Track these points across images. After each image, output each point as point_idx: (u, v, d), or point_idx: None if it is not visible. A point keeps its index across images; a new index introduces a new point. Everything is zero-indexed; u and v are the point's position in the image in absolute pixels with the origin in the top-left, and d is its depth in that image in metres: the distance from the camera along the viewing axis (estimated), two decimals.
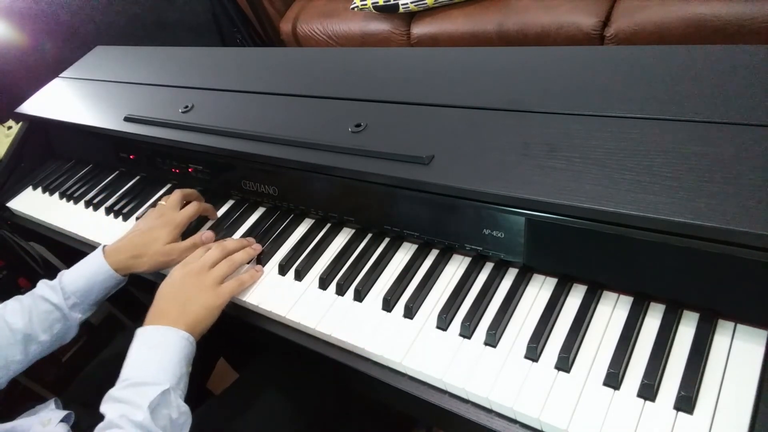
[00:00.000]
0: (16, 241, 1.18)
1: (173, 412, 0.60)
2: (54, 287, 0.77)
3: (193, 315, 0.68)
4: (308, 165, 0.77)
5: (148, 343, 0.65)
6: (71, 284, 0.77)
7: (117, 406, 0.58)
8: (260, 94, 0.95)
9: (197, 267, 0.73)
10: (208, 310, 0.70)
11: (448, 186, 0.65)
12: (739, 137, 0.56)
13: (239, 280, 0.75)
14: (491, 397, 0.56)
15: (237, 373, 1.20)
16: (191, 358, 0.67)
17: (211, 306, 0.70)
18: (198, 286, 0.71)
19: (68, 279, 0.78)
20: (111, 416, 0.57)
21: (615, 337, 0.57)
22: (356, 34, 2.15)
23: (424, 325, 0.65)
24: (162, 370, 0.62)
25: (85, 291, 0.78)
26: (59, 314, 0.77)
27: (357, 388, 0.77)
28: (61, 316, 0.77)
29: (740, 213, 0.49)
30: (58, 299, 0.76)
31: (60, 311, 0.77)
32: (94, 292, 0.78)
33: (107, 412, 0.58)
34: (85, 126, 1.07)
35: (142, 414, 0.57)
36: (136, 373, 0.62)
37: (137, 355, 0.64)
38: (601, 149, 0.61)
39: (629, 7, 1.59)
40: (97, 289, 0.79)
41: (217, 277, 0.73)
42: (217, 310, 0.71)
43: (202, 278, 0.72)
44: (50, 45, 1.80)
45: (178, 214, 0.84)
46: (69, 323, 0.78)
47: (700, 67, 0.66)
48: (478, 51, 0.88)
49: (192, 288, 0.71)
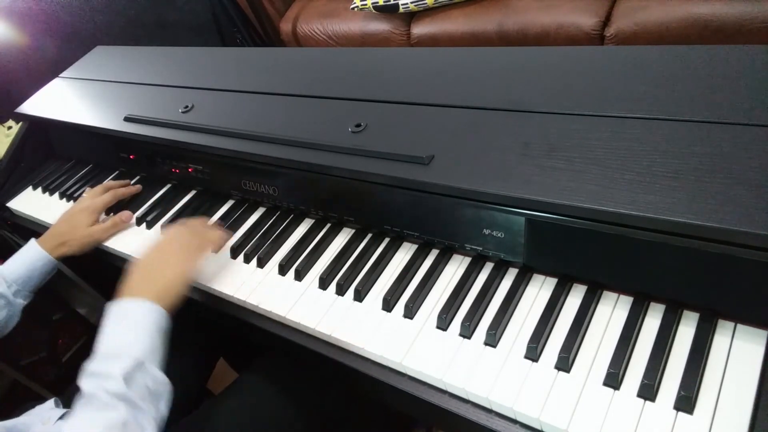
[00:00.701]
0: (16, 241, 1.18)
1: (149, 381, 0.60)
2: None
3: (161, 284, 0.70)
4: (308, 165, 0.77)
5: (117, 316, 0.66)
6: (12, 273, 0.86)
7: (92, 379, 0.59)
8: (260, 94, 0.95)
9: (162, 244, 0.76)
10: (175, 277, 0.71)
11: (448, 186, 0.65)
12: (739, 137, 0.56)
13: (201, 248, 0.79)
14: (491, 397, 0.56)
15: (237, 374, 1.20)
16: (165, 330, 0.67)
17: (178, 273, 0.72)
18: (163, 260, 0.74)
19: (8, 269, 0.86)
20: (88, 388, 0.58)
21: (615, 337, 0.57)
22: (356, 34, 2.15)
23: (424, 325, 0.65)
24: (133, 341, 0.62)
25: (26, 278, 0.86)
26: (4, 301, 0.84)
27: (357, 388, 0.77)
28: (5, 302, 0.85)
29: (740, 213, 0.49)
30: (1, 288, 0.84)
31: (5, 298, 0.84)
32: (34, 277, 0.87)
33: (84, 385, 0.59)
34: (85, 126, 1.07)
35: (116, 384, 0.57)
36: (107, 346, 0.63)
37: (108, 328, 0.65)
38: (601, 149, 0.61)
39: (629, 7, 1.59)
40: (37, 275, 0.87)
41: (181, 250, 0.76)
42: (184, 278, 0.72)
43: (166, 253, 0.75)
44: (50, 45, 1.80)
45: (97, 200, 0.95)
46: (14, 309, 0.85)
47: (700, 67, 0.66)
48: (478, 51, 0.88)
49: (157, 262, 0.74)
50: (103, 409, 0.56)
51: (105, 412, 0.56)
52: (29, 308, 0.90)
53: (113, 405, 0.56)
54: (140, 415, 0.57)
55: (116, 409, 0.56)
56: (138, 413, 0.57)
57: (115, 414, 0.56)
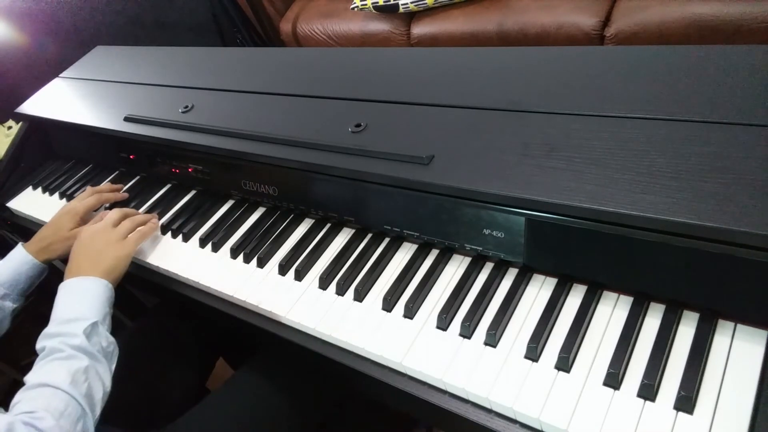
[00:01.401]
0: (16, 241, 1.17)
1: (103, 340, 0.69)
2: None
3: (106, 264, 0.78)
4: (308, 165, 0.77)
5: (71, 291, 0.73)
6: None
7: (54, 339, 0.66)
8: (260, 94, 0.95)
9: (101, 226, 0.84)
10: (118, 259, 0.79)
11: (448, 186, 0.65)
12: (739, 137, 0.56)
13: (140, 231, 0.86)
14: (491, 397, 0.56)
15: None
16: (112, 301, 0.75)
17: (120, 256, 0.80)
18: (105, 240, 0.81)
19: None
20: (51, 345, 0.65)
21: (615, 337, 0.57)
22: (356, 34, 2.15)
23: (424, 325, 0.65)
24: (88, 308, 0.70)
25: (12, 281, 0.86)
26: None
27: (357, 388, 0.77)
28: None
29: (740, 213, 0.49)
30: None
31: None
32: (21, 281, 0.87)
33: (46, 344, 0.66)
34: (85, 126, 1.07)
35: (78, 339, 0.65)
36: (65, 313, 0.70)
37: (63, 301, 0.72)
38: (601, 149, 0.61)
39: (629, 7, 1.59)
40: (23, 278, 0.87)
41: (122, 232, 0.83)
42: (126, 259, 0.81)
43: (108, 234, 0.82)
44: (50, 45, 1.80)
45: (79, 204, 0.95)
46: (3, 312, 0.85)
47: (700, 67, 0.66)
48: (478, 51, 0.88)
49: (100, 243, 0.81)
50: (68, 358, 0.63)
51: (70, 360, 0.63)
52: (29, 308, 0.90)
53: (77, 355, 0.64)
54: (99, 365, 0.66)
55: (79, 358, 0.64)
56: (97, 364, 0.65)
57: (79, 362, 0.63)
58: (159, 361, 0.95)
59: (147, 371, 0.92)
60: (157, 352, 0.95)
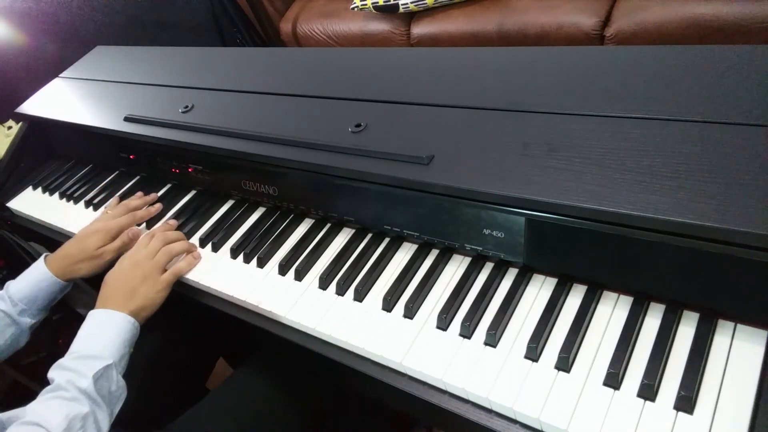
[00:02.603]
0: (16, 241, 1.18)
1: (113, 385, 0.68)
2: (1, 296, 0.83)
3: (138, 302, 0.76)
4: (308, 165, 0.77)
5: (97, 322, 0.72)
6: (17, 293, 0.83)
7: (64, 373, 0.65)
8: (260, 94, 0.95)
9: (141, 257, 0.81)
10: (150, 299, 0.77)
11: (448, 186, 0.65)
12: (739, 137, 0.56)
13: (176, 270, 0.82)
14: (491, 397, 0.56)
15: None
16: (134, 341, 0.74)
17: (153, 296, 0.78)
18: (142, 275, 0.78)
19: (14, 288, 0.83)
20: (59, 380, 0.64)
21: (615, 337, 0.57)
22: (356, 34, 2.15)
23: (424, 325, 0.65)
24: (108, 347, 0.69)
25: (30, 298, 0.83)
26: (9, 320, 0.82)
27: (357, 388, 0.77)
28: (11, 321, 0.82)
29: (740, 213, 0.49)
30: (6, 307, 0.82)
31: (9, 317, 0.82)
32: (39, 298, 0.84)
33: (55, 377, 0.65)
34: (85, 126, 1.07)
35: (86, 382, 0.64)
36: (84, 347, 0.69)
37: (87, 332, 0.71)
38: (601, 149, 0.61)
39: (629, 7, 1.59)
40: (42, 295, 0.84)
41: (157, 266, 0.80)
42: (160, 299, 0.79)
43: (144, 268, 0.79)
44: (50, 45, 1.80)
45: (111, 222, 0.91)
46: (21, 328, 0.83)
47: (700, 67, 0.66)
48: (478, 51, 0.88)
49: (137, 278, 0.78)
50: (70, 400, 0.63)
51: (71, 403, 0.62)
52: None
53: (79, 399, 0.63)
54: (99, 412, 0.65)
55: (81, 403, 0.63)
56: (98, 410, 0.64)
57: (80, 407, 0.62)
58: (159, 360, 0.95)
59: (147, 371, 0.92)
60: (156, 351, 0.95)
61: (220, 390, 0.85)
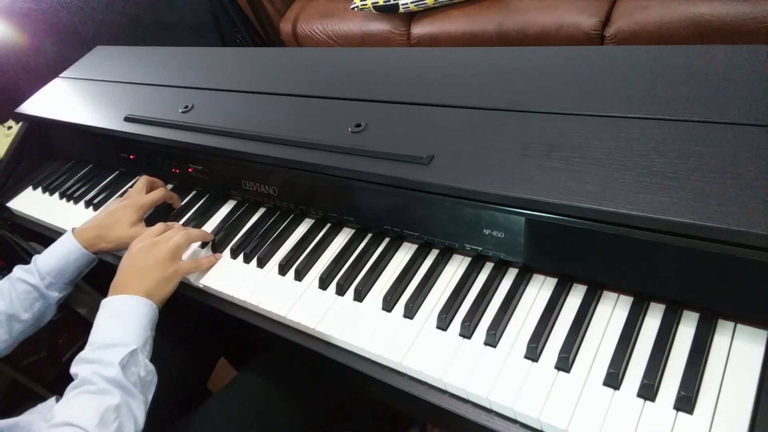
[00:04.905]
0: (16, 241, 1.18)
1: (141, 370, 0.64)
2: (30, 270, 0.82)
3: (152, 283, 0.72)
4: (308, 165, 0.77)
5: (112, 310, 0.69)
6: (45, 265, 0.82)
7: (88, 366, 0.61)
8: (260, 94, 0.95)
9: (153, 241, 0.77)
10: (165, 280, 0.74)
11: (448, 186, 0.65)
12: (739, 137, 0.56)
13: (197, 262, 0.80)
14: (491, 397, 0.56)
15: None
16: (155, 323, 0.71)
17: (168, 277, 0.74)
18: (155, 257, 0.75)
19: (42, 261, 0.82)
20: (84, 374, 0.60)
21: (615, 337, 0.57)
22: (356, 34, 2.15)
23: (424, 325, 0.65)
24: (128, 332, 0.66)
25: (59, 270, 0.82)
26: (37, 294, 0.81)
27: (357, 387, 0.77)
28: (39, 295, 0.81)
29: (740, 213, 0.49)
30: (34, 280, 0.81)
31: (38, 291, 0.81)
32: (68, 271, 0.83)
33: (79, 371, 0.61)
34: (85, 126, 1.07)
35: (114, 370, 0.60)
36: (104, 337, 0.65)
37: (104, 321, 0.68)
38: (601, 149, 0.61)
39: (629, 7, 1.58)
40: (71, 268, 0.83)
41: (173, 248, 0.76)
42: (174, 280, 0.75)
43: (159, 251, 0.76)
44: (50, 45, 1.80)
45: (143, 197, 0.90)
46: (48, 302, 0.82)
47: (700, 67, 0.66)
48: (478, 51, 0.88)
49: (150, 259, 0.74)
50: (99, 393, 0.59)
51: (100, 396, 0.59)
52: None
53: (109, 390, 0.59)
54: (133, 401, 0.61)
55: (111, 394, 0.59)
56: (131, 399, 0.61)
57: (110, 398, 0.59)
58: (159, 360, 0.95)
59: None
60: (157, 352, 0.95)
61: (223, 394, 0.85)
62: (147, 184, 0.94)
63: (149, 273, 0.73)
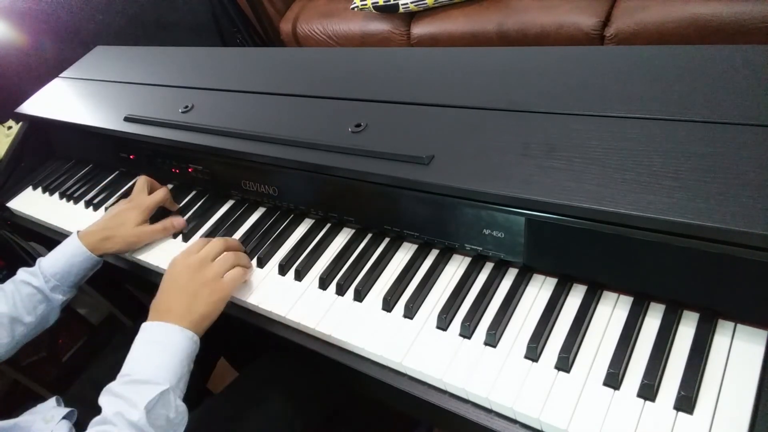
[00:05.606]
0: (16, 241, 1.18)
1: (171, 412, 0.60)
2: (34, 272, 0.81)
3: (200, 311, 0.68)
4: (308, 165, 0.77)
5: (152, 339, 0.65)
6: (50, 268, 0.81)
7: (114, 402, 0.59)
8: (260, 94, 0.95)
9: (199, 259, 0.72)
10: (214, 305, 0.69)
11: (448, 186, 0.65)
12: (739, 137, 0.56)
13: (235, 274, 0.73)
14: (491, 397, 0.56)
15: (238, 373, 1.20)
16: (194, 357, 0.67)
17: (216, 301, 0.69)
18: (201, 280, 0.70)
19: (47, 263, 0.82)
20: (107, 412, 0.58)
21: (615, 337, 0.57)
22: (356, 34, 2.15)
23: (424, 325, 0.65)
24: (163, 368, 0.62)
25: (63, 273, 0.82)
26: (41, 296, 0.81)
27: (357, 388, 0.77)
28: (43, 298, 0.81)
29: (740, 213, 0.49)
30: (39, 282, 0.80)
31: (42, 293, 0.81)
32: (72, 273, 0.82)
33: (104, 406, 0.59)
34: (85, 126, 1.07)
35: (137, 414, 0.57)
36: (137, 370, 0.62)
37: (140, 350, 0.64)
38: (601, 149, 0.61)
39: (629, 7, 1.59)
40: (75, 271, 0.83)
41: (219, 271, 0.72)
42: (221, 304, 0.70)
43: (205, 271, 0.71)
44: (50, 45, 1.80)
45: (147, 198, 0.90)
46: (51, 304, 0.82)
47: (700, 67, 0.66)
48: (478, 51, 0.88)
49: (196, 282, 0.69)
50: None
51: None
52: None
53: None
54: None
55: None
56: None
57: None
58: None
59: None
60: None
61: (224, 394, 0.85)
62: (147, 184, 0.94)
63: (197, 298, 0.68)
